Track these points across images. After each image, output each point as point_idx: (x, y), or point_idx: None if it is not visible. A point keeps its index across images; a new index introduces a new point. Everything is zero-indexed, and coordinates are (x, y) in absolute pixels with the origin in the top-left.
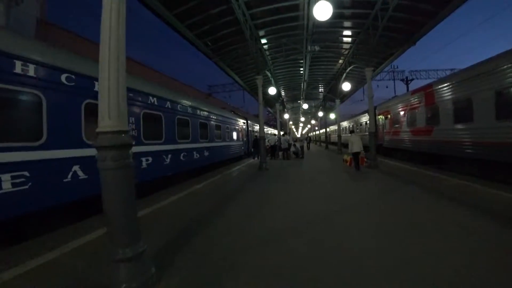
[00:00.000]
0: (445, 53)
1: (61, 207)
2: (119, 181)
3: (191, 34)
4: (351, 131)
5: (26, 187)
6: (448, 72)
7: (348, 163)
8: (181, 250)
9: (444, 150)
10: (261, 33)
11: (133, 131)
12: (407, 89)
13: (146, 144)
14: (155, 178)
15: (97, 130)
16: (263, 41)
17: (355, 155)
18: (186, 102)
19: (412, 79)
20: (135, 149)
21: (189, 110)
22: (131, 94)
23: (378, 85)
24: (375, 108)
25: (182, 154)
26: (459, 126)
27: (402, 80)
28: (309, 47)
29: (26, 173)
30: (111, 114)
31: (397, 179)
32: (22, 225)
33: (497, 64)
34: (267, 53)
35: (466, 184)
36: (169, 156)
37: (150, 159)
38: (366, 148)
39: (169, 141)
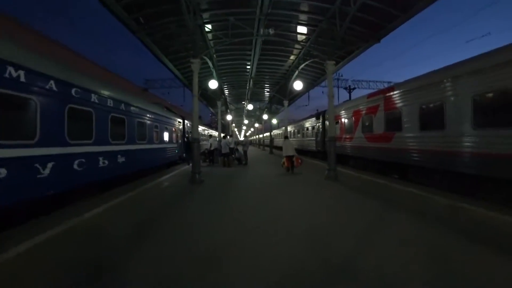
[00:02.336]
0: (383, 67)
1: None
2: None
3: None
4: (285, 137)
5: None
6: (386, 84)
7: (285, 165)
8: None
9: (407, 159)
10: (203, 6)
11: None
12: (350, 97)
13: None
14: (20, 201)
15: None
16: (205, 16)
17: (289, 158)
18: (89, 86)
19: (354, 88)
20: None
21: (94, 98)
22: None
23: (322, 92)
24: (323, 113)
25: (77, 162)
26: (426, 133)
27: (345, 88)
28: (261, 30)
29: None
30: None
31: (368, 197)
32: None
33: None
34: (210, 36)
35: (456, 205)
36: (51, 165)
37: (5, 172)
38: (298, 151)
39: (51, 142)
